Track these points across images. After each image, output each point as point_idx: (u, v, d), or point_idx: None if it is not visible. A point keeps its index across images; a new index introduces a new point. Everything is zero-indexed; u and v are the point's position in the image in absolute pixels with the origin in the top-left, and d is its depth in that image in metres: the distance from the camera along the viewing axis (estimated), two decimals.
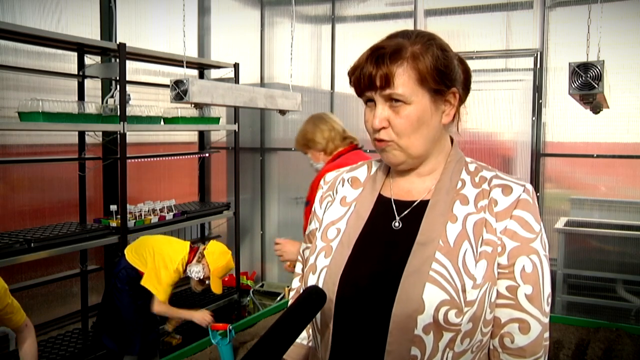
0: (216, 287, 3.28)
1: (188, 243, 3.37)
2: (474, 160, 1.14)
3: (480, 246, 1.02)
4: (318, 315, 1.07)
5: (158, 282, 3.17)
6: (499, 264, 1.02)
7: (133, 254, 3.27)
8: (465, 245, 1.01)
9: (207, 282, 3.30)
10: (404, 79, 1.01)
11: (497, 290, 1.03)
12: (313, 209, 1.24)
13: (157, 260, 3.20)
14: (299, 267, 1.29)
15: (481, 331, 1.01)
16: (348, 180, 1.19)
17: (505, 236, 1.02)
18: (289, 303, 1.30)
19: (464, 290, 0.98)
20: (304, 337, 1.24)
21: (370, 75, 1.02)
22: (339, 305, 1.04)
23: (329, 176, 1.24)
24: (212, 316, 3.25)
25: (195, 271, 3.21)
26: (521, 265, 1.02)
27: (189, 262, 3.25)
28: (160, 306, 3.21)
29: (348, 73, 1.08)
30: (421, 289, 0.98)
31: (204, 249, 3.30)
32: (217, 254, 3.28)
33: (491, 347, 1.06)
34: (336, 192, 1.19)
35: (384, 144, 1.06)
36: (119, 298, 3.25)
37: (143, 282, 3.19)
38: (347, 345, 1.04)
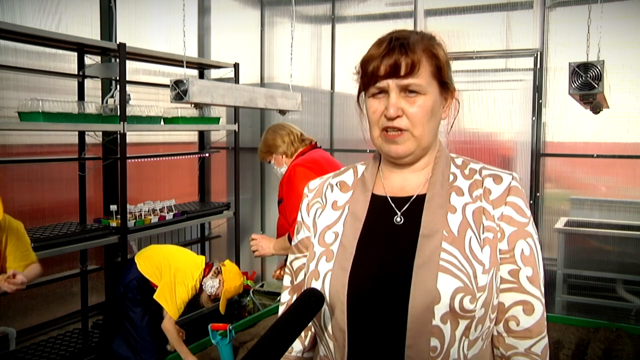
0: (223, 307, 3.21)
1: (203, 258, 3.30)
2: (459, 155, 1.17)
3: (483, 233, 1.04)
4: (328, 321, 1.06)
5: (172, 298, 3.08)
6: (500, 250, 1.05)
7: (147, 264, 3.19)
8: (469, 233, 1.04)
9: (215, 299, 3.23)
10: (424, 69, 1.05)
11: (500, 276, 1.05)
12: (300, 218, 1.22)
13: (176, 275, 3.11)
14: (287, 280, 1.25)
15: (489, 317, 1.03)
16: (337, 185, 1.19)
17: (503, 222, 1.06)
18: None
19: (475, 276, 1.00)
20: (299, 350, 1.22)
21: (395, 63, 1.03)
22: (351, 307, 1.03)
23: (313, 184, 1.23)
24: None
25: (210, 285, 3.15)
26: (520, 249, 1.05)
27: (204, 276, 3.19)
28: (169, 324, 3.10)
29: (362, 62, 1.08)
30: (434, 279, 0.99)
31: (222, 265, 3.24)
32: (233, 273, 3.24)
33: (495, 333, 1.07)
34: (325, 198, 1.18)
35: (398, 134, 1.06)
36: (131, 307, 3.20)
37: (156, 297, 3.10)
38: (365, 346, 1.03)
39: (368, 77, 1.07)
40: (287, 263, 1.25)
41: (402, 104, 1.04)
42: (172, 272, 3.12)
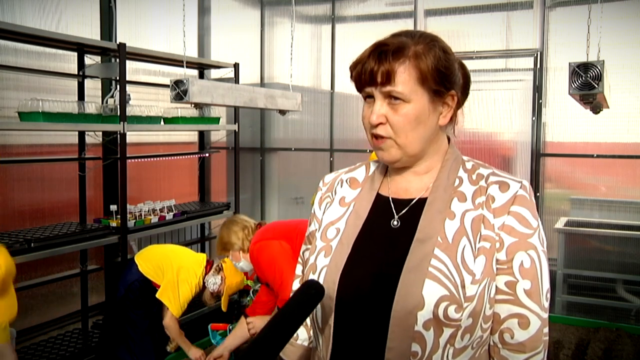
0: (225, 303, 3.20)
1: (204, 255, 3.31)
2: (471, 159, 1.15)
3: (479, 242, 1.02)
4: (319, 314, 1.08)
5: (175, 297, 3.09)
6: (497, 260, 1.03)
7: (148, 265, 3.19)
8: (463, 242, 1.02)
9: (217, 296, 3.22)
10: (404, 77, 1.02)
11: (496, 286, 1.03)
12: (312, 211, 1.24)
13: (179, 273, 3.12)
14: (298, 269, 1.29)
15: (481, 327, 1.02)
16: (347, 181, 1.20)
17: (503, 232, 1.03)
18: None
19: (463, 286, 0.98)
20: (304, 339, 1.24)
21: (371, 71, 1.03)
22: (340, 303, 1.05)
23: (328, 178, 1.25)
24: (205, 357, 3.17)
25: (212, 282, 3.13)
26: (519, 261, 1.02)
27: (205, 274, 3.19)
28: (171, 321, 3.11)
29: (350, 67, 1.09)
30: (421, 285, 0.98)
31: (222, 262, 3.21)
32: (234, 269, 3.16)
33: (491, 343, 1.06)
34: (335, 193, 1.20)
35: (381, 141, 1.06)
36: (133, 309, 3.21)
37: (159, 295, 3.10)
38: (348, 343, 1.05)
39: (355, 83, 1.08)
40: (300, 252, 1.28)
41: (385, 110, 1.04)
42: (175, 271, 3.13)
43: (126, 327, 3.23)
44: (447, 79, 1.06)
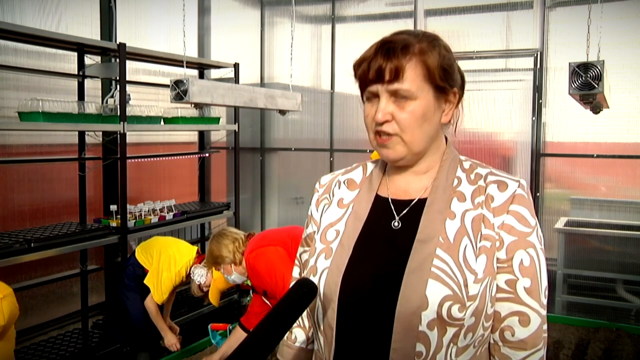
0: (214, 298, 3.19)
1: (196, 248, 3.38)
2: (468, 158, 1.15)
3: (480, 241, 1.03)
4: (320, 316, 1.08)
5: (158, 283, 3.20)
6: (497, 259, 1.03)
7: (142, 252, 3.34)
8: (465, 241, 1.02)
9: (206, 290, 3.23)
10: (412, 74, 1.02)
11: (497, 285, 1.04)
12: (309, 213, 1.23)
13: (162, 260, 3.23)
14: (296, 272, 1.29)
15: (482, 326, 1.02)
16: (344, 182, 1.20)
17: (502, 231, 1.04)
18: None
19: (465, 285, 0.99)
20: (302, 341, 1.23)
21: (379, 68, 1.02)
22: (342, 305, 1.04)
23: (324, 179, 1.24)
24: (180, 345, 3.28)
25: (198, 274, 3.15)
26: (519, 259, 1.03)
27: (194, 265, 3.23)
28: (151, 303, 3.24)
29: (353, 65, 1.08)
30: (424, 285, 0.99)
31: None
32: None
33: (492, 341, 1.07)
34: (332, 195, 1.19)
35: (387, 139, 1.06)
36: (126, 294, 3.34)
37: (145, 281, 3.23)
38: (352, 344, 1.05)
39: (359, 81, 1.07)
40: (297, 255, 1.27)
41: (391, 108, 1.04)
42: (161, 259, 3.24)
43: (123, 310, 3.35)
44: (450, 76, 1.06)
